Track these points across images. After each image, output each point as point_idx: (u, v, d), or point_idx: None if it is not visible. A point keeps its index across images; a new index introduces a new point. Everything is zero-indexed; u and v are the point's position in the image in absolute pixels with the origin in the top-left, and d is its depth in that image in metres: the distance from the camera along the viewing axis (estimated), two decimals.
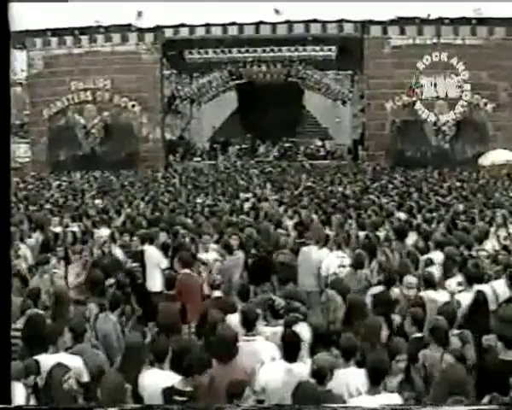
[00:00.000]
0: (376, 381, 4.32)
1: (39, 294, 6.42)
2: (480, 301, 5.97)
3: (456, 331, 5.41)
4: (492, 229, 10.11)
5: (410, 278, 6.56)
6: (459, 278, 6.86)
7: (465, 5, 28.43)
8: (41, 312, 5.91)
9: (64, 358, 4.65)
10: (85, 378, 4.61)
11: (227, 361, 4.74)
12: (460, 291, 6.58)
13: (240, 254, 8.58)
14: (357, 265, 7.56)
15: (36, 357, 4.66)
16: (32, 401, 4.25)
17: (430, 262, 7.52)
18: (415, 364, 4.87)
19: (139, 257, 8.48)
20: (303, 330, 5.12)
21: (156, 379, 4.51)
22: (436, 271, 7.16)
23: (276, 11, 30.19)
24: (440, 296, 6.32)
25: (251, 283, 7.30)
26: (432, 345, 5.02)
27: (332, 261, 8.12)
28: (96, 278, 6.85)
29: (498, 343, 4.94)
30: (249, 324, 5.28)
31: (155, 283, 8.19)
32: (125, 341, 5.09)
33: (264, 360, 4.95)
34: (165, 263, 8.48)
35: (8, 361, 1.99)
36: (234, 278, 8.08)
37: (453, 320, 5.44)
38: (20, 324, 5.42)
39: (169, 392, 4.38)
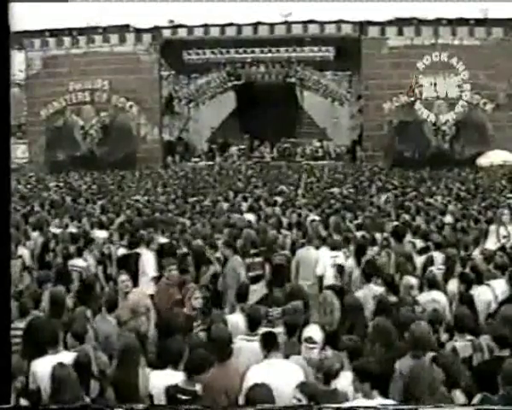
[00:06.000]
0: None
1: (40, 298, 6.37)
2: (466, 303, 5.87)
3: (468, 337, 5.14)
4: (492, 228, 10.08)
5: (410, 280, 6.37)
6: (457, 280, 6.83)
7: (464, 5, 28.51)
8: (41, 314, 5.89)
9: (67, 357, 4.63)
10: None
11: (222, 362, 4.72)
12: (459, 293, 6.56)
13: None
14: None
15: (36, 359, 4.65)
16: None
17: (431, 263, 7.44)
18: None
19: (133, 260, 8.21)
20: (315, 333, 4.99)
21: (164, 379, 4.51)
22: (437, 272, 7.11)
23: (284, 15, 30.14)
24: (441, 298, 6.29)
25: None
26: (409, 353, 4.70)
27: (325, 261, 8.10)
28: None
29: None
30: (254, 324, 5.27)
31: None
32: (120, 342, 5.05)
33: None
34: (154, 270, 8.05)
35: (8, 362, 1.99)
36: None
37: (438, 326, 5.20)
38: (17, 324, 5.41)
39: (173, 390, 4.38)
